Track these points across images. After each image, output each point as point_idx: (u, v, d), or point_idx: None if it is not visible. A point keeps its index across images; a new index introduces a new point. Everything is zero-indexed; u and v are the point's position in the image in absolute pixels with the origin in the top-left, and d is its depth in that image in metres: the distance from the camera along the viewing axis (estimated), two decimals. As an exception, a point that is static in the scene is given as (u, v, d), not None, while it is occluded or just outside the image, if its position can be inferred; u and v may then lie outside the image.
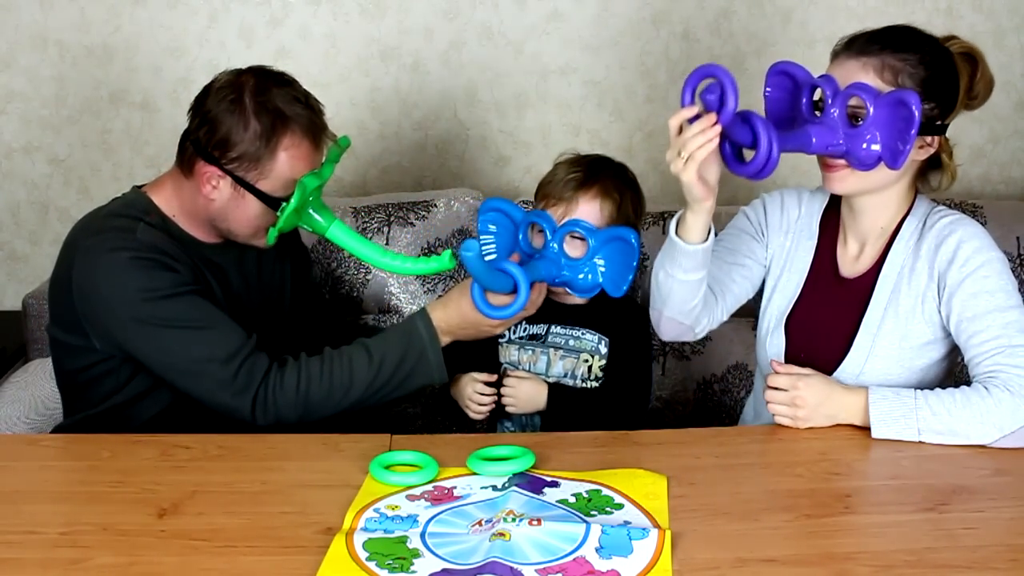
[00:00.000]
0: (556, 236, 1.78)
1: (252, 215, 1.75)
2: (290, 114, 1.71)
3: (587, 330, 1.92)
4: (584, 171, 1.85)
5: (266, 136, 1.69)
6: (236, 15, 2.56)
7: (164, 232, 1.77)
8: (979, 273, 1.65)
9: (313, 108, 1.75)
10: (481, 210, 1.87)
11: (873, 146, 1.59)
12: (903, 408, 1.59)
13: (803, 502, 1.45)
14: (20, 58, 2.58)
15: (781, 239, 1.84)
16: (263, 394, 1.70)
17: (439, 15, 2.58)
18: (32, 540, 1.38)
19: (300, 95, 1.74)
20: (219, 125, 1.70)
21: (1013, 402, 1.56)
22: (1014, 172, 2.71)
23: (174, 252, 1.75)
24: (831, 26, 2.57)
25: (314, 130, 1.74)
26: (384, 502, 1.45)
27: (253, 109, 1.69)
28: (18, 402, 2.14)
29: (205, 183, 1.73)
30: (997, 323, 1.62)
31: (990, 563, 1.30)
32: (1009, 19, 2.60)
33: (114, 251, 1.70)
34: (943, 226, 1.70)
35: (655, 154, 2.65)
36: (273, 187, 1.72)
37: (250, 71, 1.74)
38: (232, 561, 1.33)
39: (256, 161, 1.71)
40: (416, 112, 2.64)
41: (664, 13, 2.58)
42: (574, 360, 1.91)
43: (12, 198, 2.67)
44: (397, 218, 2.34)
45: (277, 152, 1.71)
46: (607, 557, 1.30)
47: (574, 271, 1.78)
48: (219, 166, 1.71)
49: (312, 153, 1.74)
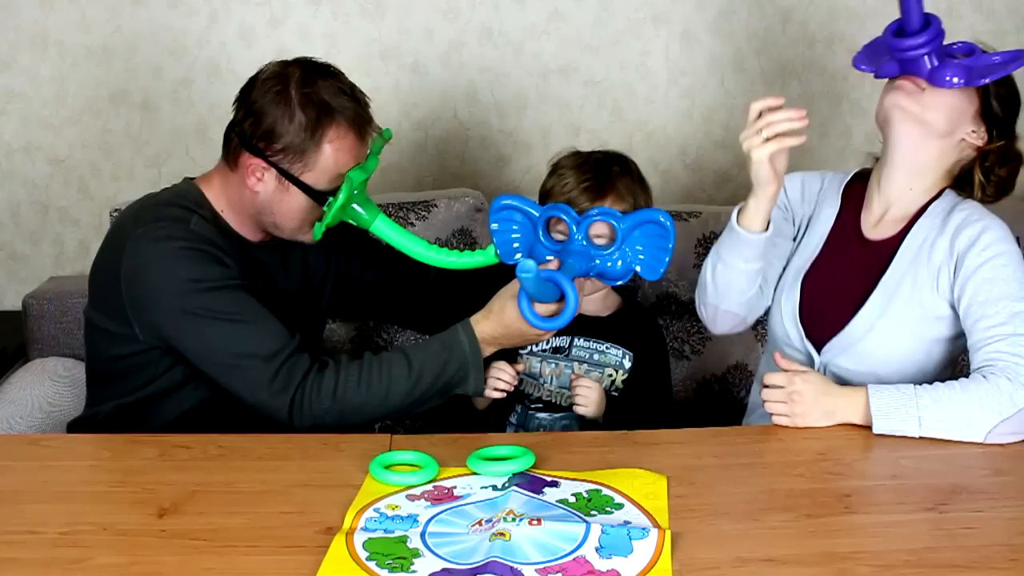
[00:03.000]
0: (581, 228, 1.70)
1: (297, 208, 1.73)
2: (336, 106, 1.69)
3: (611, 344, 1.91)
4: (595, 177, 1.82)
5: (311, 128, 1.68)
6: (236, 15, 2.56)
7: (215, 226, 1.77)
8: (998, 261, 1.68)
9: (359, 100, 1.73)
10: (493, 208, 1.78)
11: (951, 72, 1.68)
12: (903, 399, 1.60)
13: (803, 502, 1.45)
14: (20, 58, 2.58)
15: (804, 209, 1.89)
16: (300, 396, 1.68)
17: (439, 15, 2.58)
18: (32, 540, 1.38)
19: (346, 87, 1.72)
20: (264, 116, 1.69)
21: (1011, 387, 1.58)
22: (1014, 172, 2.71)
23: (224, 246, 1.74)
24: (831, 26, 2.58)
25: (359, 122, 1.72)
26: (384, 502, 1.45)
27: (299, 101, 1.68)
28: (18, 402, 2.14)
29: (250, 175, 1.72)
30: (1006, 311, 1.64)
31: (990, 563, 1.30)
32: (1009, 19, 2.60)
33: (167, 240, 1.69)
34: (970, 213, 1.74)
35: (655, 154, 2.65)
36: (318, 180, 1.71)
37: (296, 63, 1.73)
38: (232, 561, 1.33)
39: (301, 153, 1.69)
40: (416, 112, 2.64)
41: (664, 13, 2.58)
42: (599, 374, 1.90)
43: (12, 198, 2.67)
44: (397, 218, 2.33)
45: (322, 144, 1.69)
46: (607, 557, 1.30)
47: (606, 260, 1.71)
48: (264, 158, 1.70)
49: (357, 146, 1.72)
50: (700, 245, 2.31)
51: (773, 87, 2.60)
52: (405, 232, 1.77)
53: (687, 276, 2.30)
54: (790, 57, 2.59)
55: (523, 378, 1.90)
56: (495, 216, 1.76)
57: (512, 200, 1.76)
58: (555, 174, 1.87)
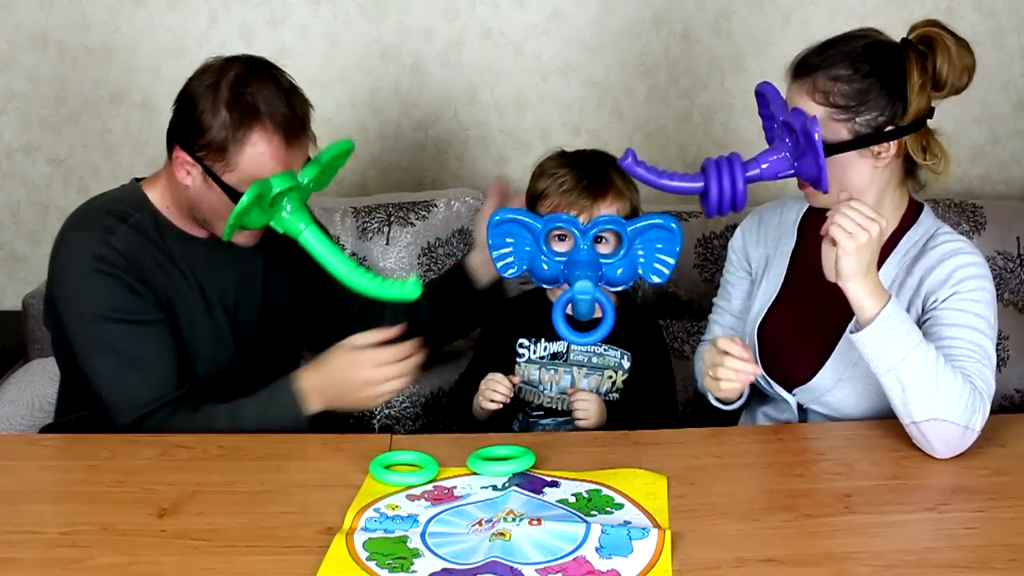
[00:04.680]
0: (587, 238, 1.71)
1: (222, 206, 1.69)
2: (264, 109, 1.64)
3: (609, 345, 1.90)
4: (593, 175, 1.81)
5: (234, 128, 1.63)
6: (236, 15, 2.56)
7: (156, 229, 1.75)
8: (970, 296, 1.63)
9: (293, 106, 1.67)
10: (492, 223, 1.76)
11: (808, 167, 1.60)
12: (911, 330, 1.53)
13: (803, 502, 1.45)
14: (20, 58, 2.58)
15: (761, 251, 1.85)
16: (152, 426, 1.70)
17: (439, 15, 2.58)
18: (32, 540, 1.38)
19: (284, 91, 1.67)
20: (193, 110, 1.66)
21: (977, 407, 1.54)
22: (1014, 172, 2.71)
23: (150, 264, 1.73)
24: (831, 26, 2.55)
25: (289, 128, 1.65)
26: (384, 502, 1.45)
27: (227, 99, 1.64)
28: (18, 402, 2.14)
29: (179, 168, 1.69)
30: (972, 339, 1.60)
31: (990, 563, 1.30)
32: (1009, 19, 2.60)
33: (85, 254, 1.69)
34: (945, 251, 1.67)
35: (655, 154, 2.65)
36: (239, 181, 1.66)
37: (239, 60, 1.69)
38: (232, 561, 1.33)
39: (223, 152, 1.65)
40: (416, 112, 2.64)
41: (664, 13, 2.58)
42: (599, 377, 1.89)
43: (12, 198, 2.67)
44: (397, 218, 2.34)
45: (245, 146, 1.64)
46: (607, 557, 1.30)
47: (612, 268, 1.72)
48: (191, 152, 1.67)
49: (283, 152, 1.65)
50: (700, 245, 2.31)
51: (773, 87, 2.60)
52: (333, 248, 1.70)
53: (687, 276, 2.30)
54: (790, 57, 2.59)
55: (522, 387, 1.90)
56: (494, 231, 1.75)
57: (513, 213, 1.75)
58: (546, 175, 1.83)
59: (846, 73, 1.61)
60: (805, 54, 1.67)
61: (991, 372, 1.59)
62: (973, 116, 2.64)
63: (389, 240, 2.33)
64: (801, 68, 1.65)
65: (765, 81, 1.71)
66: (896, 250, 1.72)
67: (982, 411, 1.55)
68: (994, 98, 2.65)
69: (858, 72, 1.61)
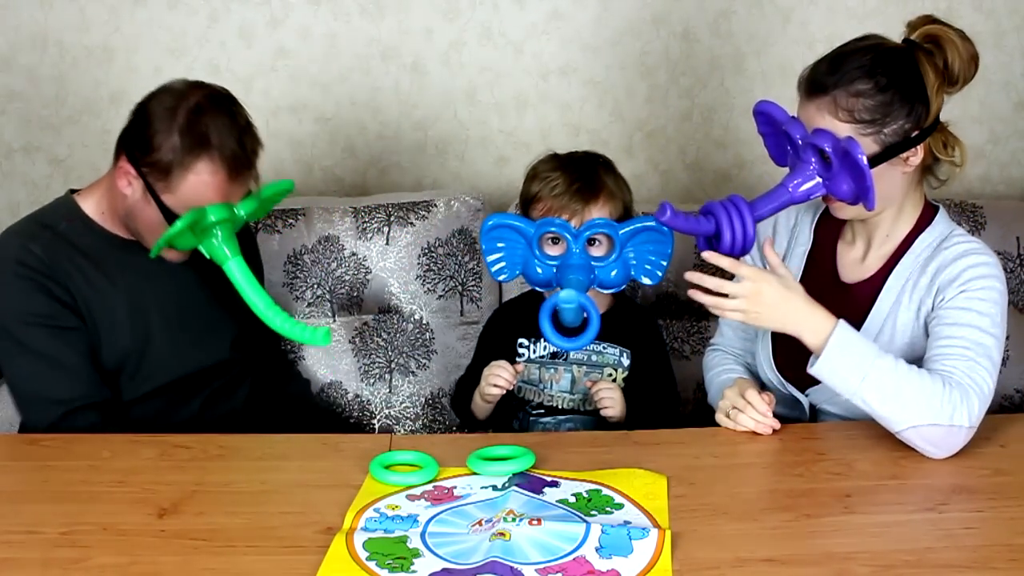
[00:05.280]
0: (579, 242, 1.73)
1: (157, 223, 1.73)
2: (215, 142, 1.68)
3: (607, 344, 1.90)
4: (584, 178, 1.81)
5: (183, 154, 1.68)
6: (236, 15, 2.56)
7: (88, 236, 1.79)
8: (976, 295, 1.63)
9: (243, 144, 1.72)
10: (485, 228, 1.79)
11: (847, 185, 1.60)
12: (860, 353, 1.55)
13: (803, 502, 1.45)
14: (20, 58, 2.58)
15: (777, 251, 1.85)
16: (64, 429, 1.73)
17: (439, 15, 2.57)
18: (32, 540, 1.39)
19: (238, 128, 1.72)
20: (148, 127, 1.71)
21: (959, 403, 1.53)
22: (1014, 172, 2.71)
23: (70, 271, 1.76)
24: (831, 26, 2.57)
25: (235, 165, 1.70)
26: (384, 502, 1.45)
27: (181, 124, 1.69)
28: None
29: (121, 176, 1.74)
30: (970, 338, 1.60)
31: (990, 563, 1.30)
32: (1009, 19, 2.60)
33: (6, 260, 1.75)
34: (958, 251, 1.67)
35: (655, 154, 2.65)
36: (176, 204, 1.71)
37: (202, 88, 1.74)
38: (232, 561, 1.33)
39: (167, 174, 1.70)
40: (416, 112, 2.63)
41: (664, 13, 2.58)
42: (599, 375, 1.90)
43: (12, 198, 2.67)
44: (397, 218, 2.34)
45: (188, 174, 1.69)
46: (607, 557, 1.30)
47: (606, 271, 1.74)
48: (135, 165, 1.72)
49: (225, 186, 1.70)
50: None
51: (773, 87, 2.60)
52: (254, 282, 1.73)
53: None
54: (790, 57, 2.59)
55: (522, 386, 1.90)
56: (486, 236, 1.78)
57: (504, 219, 1.77)
58: (539, 179, 1.85)
59: (866, 87, 1.59)
60: (816, 72, 1.64)
61: (988, 370, 1.58)
62: (973, 116, 2.64)
63: (389, 240, 2.33)
64: (817, 87, 1.62)
65: (763, 100, 1.70)
66: (911, 251, 1.72)
67: (966, 406, 1.54)
68: (994, 98, 2.65)
69: (877, 84, 1.60)
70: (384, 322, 2.35)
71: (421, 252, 2.33)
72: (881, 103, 1.59)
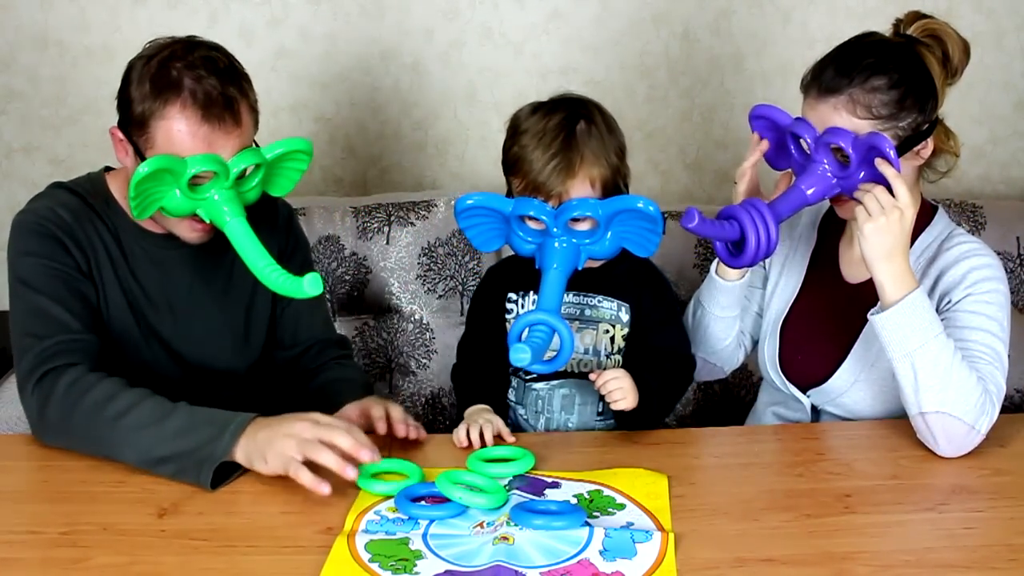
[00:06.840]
0: (559, 223, 1.63)
1: None
2: (186, 85, 1.56)
3: (601, 296, 1.76)
4: (562, 152, 1.65)
5: (152, 100, 1.57)
6: (236, 15, 2.56)
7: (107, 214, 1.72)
8: (983, 298, 1.63)
9: (223, 87, 1.58)
10: (458, 208, 1.69)
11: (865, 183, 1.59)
12: (933, 321, 1.54)
13: (803, 502, 1.45)
14: (20, 58, 2.58)
15: (778, 250, 1.82)
16: (46, 380, 1.59)
17: (439, 15, 2.58)
18: (32, 540, 1.39)
19: (217, 71, 1.59)
20: (126, 82, 1.64)
21: (985, 407, 1.54)
22: (1014, 172, 2.71)
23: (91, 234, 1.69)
24: (831, 26, 2.58)
25: (208, 106, 1.56)
26: (384, 504, 1.45)
27: (152, 71, 1.59)
28: (18, 402, 2.13)
29: (117, 144, 1.66)
30: (984, 342, 1.60)
31: (990, 563, 1.30)
32: (1009, 19, 2.60)
33: (25, 213, 1.70)
34: (960, 252, 1.67)
35: (655, 154, 2.66)
36: None
37: (185, 41, 1.64)
38: (232, 561, 1.33)
39: (143, 126, 1.59)
40: (416, 112, 2.64)
41: (664, 13, 2.58)
42: (593, 332, 1.77)
43: (12, 198, 2.67)
44: (397, 218, 2.34)
45: (160, 120, 1.57)
46: (611, 559, 1.30)
47: (592, 245, 1.64)
48: (124, 129, 1.64)
49: (201, 130, 1.57)
50: (700, 245, 2.31)
51: (773, 87, 2.60)
52: (256, 242, 1.60)
53: (687, 276, 2.30)
54: (790, 57, 2.59)
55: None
56: (461, 216, 1.70)
57: (478, 199, 1.69)
58: (517, 141, 1.70)
59: (882, 83, 1.60)
60: (827, 71, 1.62)
61: (1002, 375, 1.59)
62: (973, 116, 2.64)
63: (389, 240, 2.33)
64: (830, 86, 1.61)
65: (761, 104, 1.70)
66: (912, 250, 1.71)
67: (990, 414, 1.55)
68: (994, 98, 2.65)
69: (891, 79, 1.60)
70: (384, 322, 2.35)
71: (421, 252, 2.33)
72: (896, 98, 1.60)
